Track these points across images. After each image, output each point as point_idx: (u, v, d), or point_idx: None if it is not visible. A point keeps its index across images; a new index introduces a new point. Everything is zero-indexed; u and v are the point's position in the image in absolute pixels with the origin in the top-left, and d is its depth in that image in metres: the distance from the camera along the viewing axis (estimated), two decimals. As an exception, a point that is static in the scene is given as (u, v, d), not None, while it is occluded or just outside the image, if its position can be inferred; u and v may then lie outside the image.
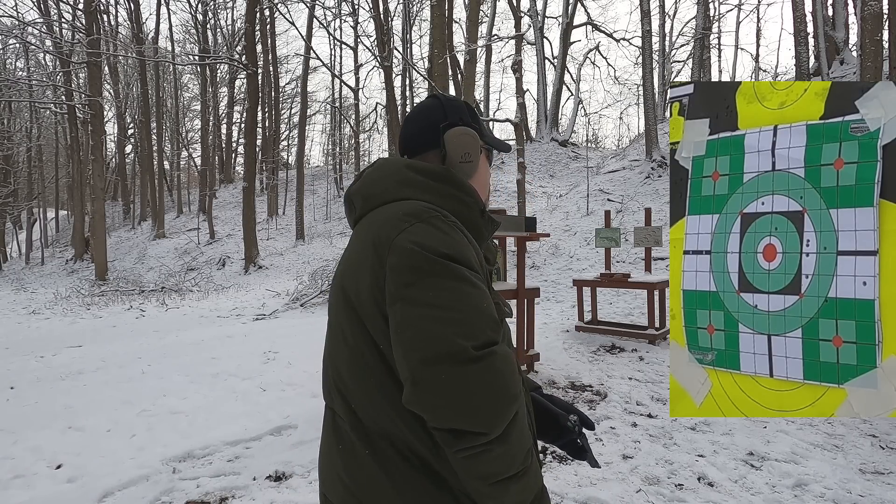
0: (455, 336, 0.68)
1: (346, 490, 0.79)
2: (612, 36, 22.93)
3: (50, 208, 29.84)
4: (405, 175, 0.86)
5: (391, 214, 0.79)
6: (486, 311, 0.72)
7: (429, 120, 0.93)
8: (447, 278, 0.71)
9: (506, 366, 0.69)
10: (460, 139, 0.91)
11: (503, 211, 4.66)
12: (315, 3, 18.99)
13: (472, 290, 0.72)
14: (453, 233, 0.77)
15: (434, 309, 0.69)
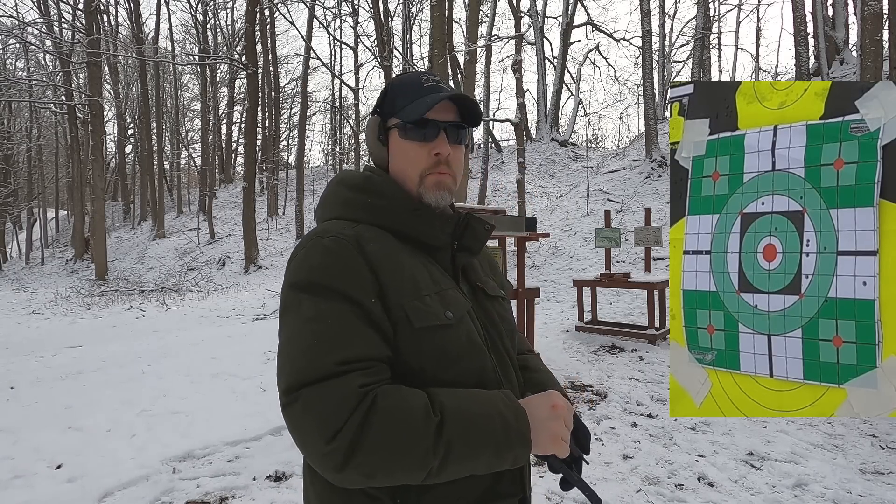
0: (280, 378, 0.68)
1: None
2: (612, 36, 22.95)
3: (50, 208, 29.85)
4: (334, 193, 0.84)
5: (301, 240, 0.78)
6: (312, 348, 0.66)
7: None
8: (289, 312, 0.71)
9: (322, 405, 0.63)
10: (365, 134, 0.87)
11: (503, 211, 4.66)
12: (315, 3, 18.99)
13: (305, 326, 0.68)
14: (319, 256, 0.71)
15: (280, 345, 0.71)
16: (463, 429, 0.65)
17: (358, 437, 0.61)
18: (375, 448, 0.62)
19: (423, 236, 0.80)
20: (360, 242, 0.73)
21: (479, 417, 0.67)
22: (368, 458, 0.61)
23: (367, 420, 0.62)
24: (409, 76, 0.85)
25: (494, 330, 0.84)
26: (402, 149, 0.82)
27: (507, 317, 0.91)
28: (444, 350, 0.73)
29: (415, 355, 0.72)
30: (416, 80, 0.83)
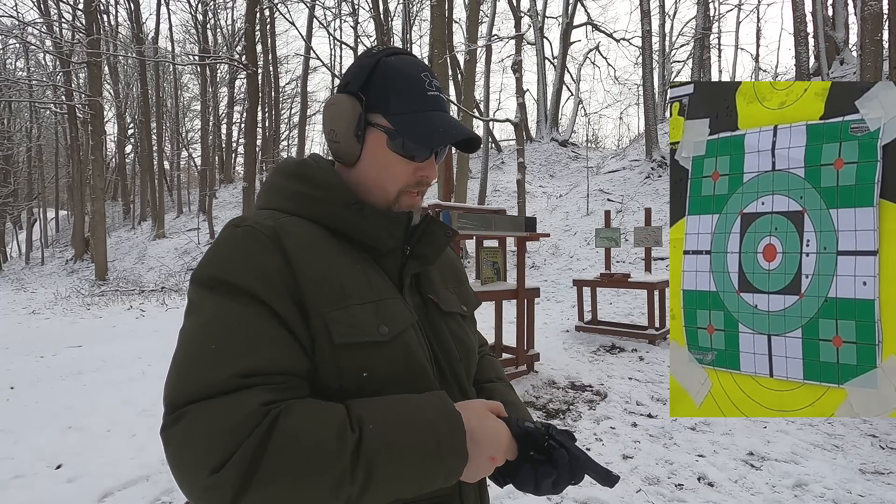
0: (169, 390, 0.55)
1: None
2: (612, 36, 22.95)
3: (50, 208, 29.85)
4: (270, 180, 0.73)
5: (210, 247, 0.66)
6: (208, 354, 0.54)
7: (344, 75, 0.73)
8: (189, 312, 0.59)
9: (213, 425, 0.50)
10: (328, 111, 0.70)
11: (503, 211, 4.66)
12: (315, 3, 19.00)
13: (202, 328, 0.56)
14: (226, 247, 0.60)
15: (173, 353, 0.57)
16: (386, 443, 0.53)
17: (252, 467, 0.48)
18: (274, 478, 0.49)
19: (365, 237, 0.68)
20: (279, 234, 0.61)
21: (406, 430, 0.55)
22: (266, 492, 0.49)
23: (264, 444, 0.49)
24: (408, 64, 0.70)
25: (444, 352, 0.71)
26: (386, 159, 0.69)
27: (465, 338, 0.76)
28: (372, 372, 0.61)
29: (333, 373, 0.59)
30: (418, 77, 0.69)
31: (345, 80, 0.71)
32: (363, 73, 0.69)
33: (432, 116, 0.69)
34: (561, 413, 3.52)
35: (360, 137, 0.69)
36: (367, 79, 0.69)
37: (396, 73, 0.69)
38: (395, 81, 0.69)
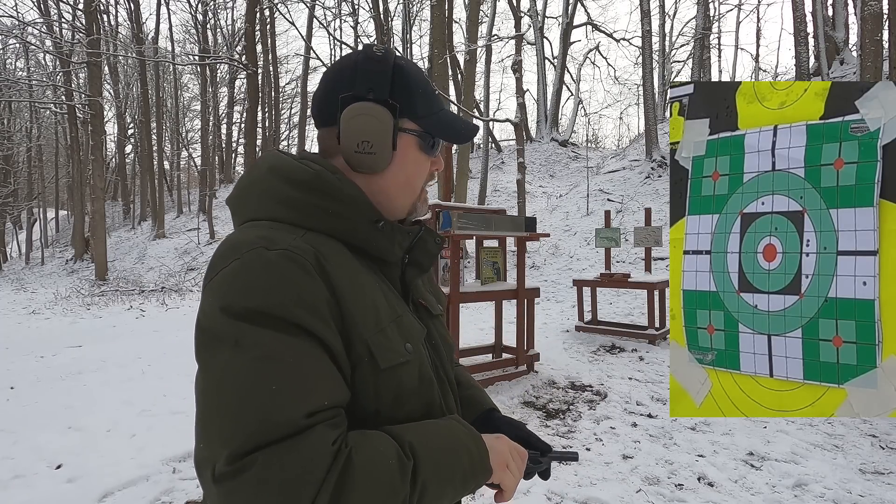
0: (214, 437, 0.52)
1: None
2: (612, 36, 22.96)
3: (50, 208, 29.85)
4: (268, 184, 0.65)
5: (221, 247, 0.61)
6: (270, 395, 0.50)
7: (333, 83, 0.69)
8: (226, 348, 0.54)
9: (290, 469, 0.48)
10: (357, 121, 0.66)
11: (503, 211, 4.66)
12: (315, 3, 19.00)
13: (254, 367, 0.51)
14: (265, 274, 0.55)
15: (206, 393, 0.55)
16: (435, 467, 0.58)
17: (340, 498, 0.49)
18: None
19: (381, 252, 0.68)
20: (320, 260, 0.58)
21: (448, 453, 0.61)
22: None
23: (345, 481, 0.50)
24: (416, 66, 0.72)
25: (438, 356, 0.74)
26: (417, 160, 0.71)
27: (447, 337, 0.80)
28: (401, 388, 0.63)
29: (372, 398, 0.60)
30: (427, 78, 0.72)
31: (367, 82, 0.67)
32: (385, 79, 0.67)
33: (448, 114, 0.73)
34: (561, 413, 3.52)
35: (395, 145, 0.68)
36: (393, 87, 0.68)
37: (413, 76, 0.70)
38: (416, 85, 0.69)
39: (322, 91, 0.71)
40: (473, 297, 4.04)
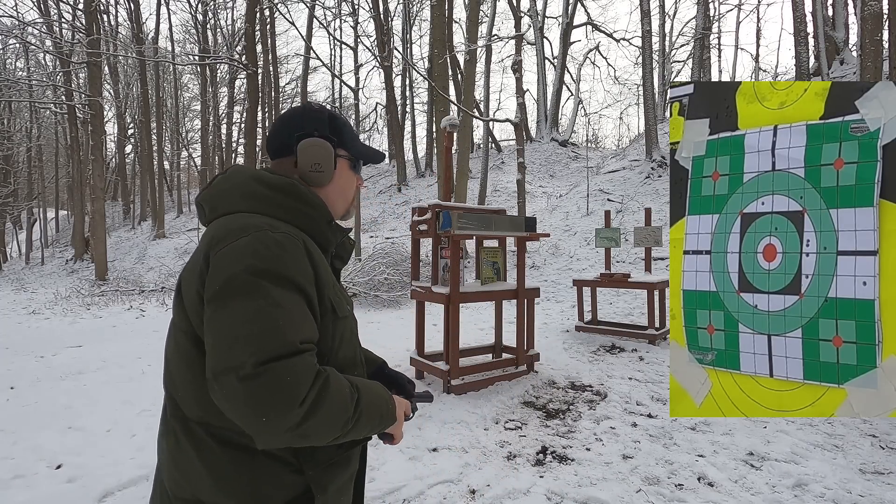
0: (239, 352, 0.73)
1: (171, 475, 0.87)
2: (612, 36, 22.95)
3: (50, 208, 29.84)
4: (251, 188, 0.91)
5: (226, 227, 0.84)
6: (276, 329, 0.76)
7: (287, 128, 1.00)
8: (250, 295, 0.77)
9: (292, 375, 0.74)
10: (311, 150, 0.98)
11: (503, 211, 4.66)
12: (315, 3, 19.00)
13: (271, 309, 0.76)
14: (275, 246, 0.81)
15: (230, 323, 0.75)
16: (368, 404, 0.85)
17: (314, 407, 0.75)
18: (323, 416, 0.76)
19: (327, 244, 0.97)
20: (305, 243, 0.86)
21: (377, 398, 0.88)
22: (315, 423, 0.75)
23: (323, 392, 0.76)
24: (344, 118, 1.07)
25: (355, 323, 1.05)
26: (349, 179, 1.06)
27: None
28: (343, 335, 0.93)
29: (328, 339, 0.88)
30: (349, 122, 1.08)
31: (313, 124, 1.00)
32: (324, 123, 1.01)
33: (364, 146, 1.09)
34: (561, 413, 3.52)
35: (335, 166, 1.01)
36: (330, 128, 1.02)
37: (341, 120, 1.05)
38: (344, 126, 1.04)
39: (277, 133, 1.01)
40: (473, 297, 4.04)
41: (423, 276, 4.78)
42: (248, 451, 0.83)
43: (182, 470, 0.85)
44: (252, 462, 0.83)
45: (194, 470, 0.84)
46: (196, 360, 0.83)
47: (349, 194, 1.07)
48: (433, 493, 2.44)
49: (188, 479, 0.84)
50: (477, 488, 2.47)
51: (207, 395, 0.80)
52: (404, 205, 17.29)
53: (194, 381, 0.83)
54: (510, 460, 2.79)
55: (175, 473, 0.86)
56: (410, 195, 18.26)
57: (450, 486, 2.49)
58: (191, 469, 0.84)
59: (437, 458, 2.78)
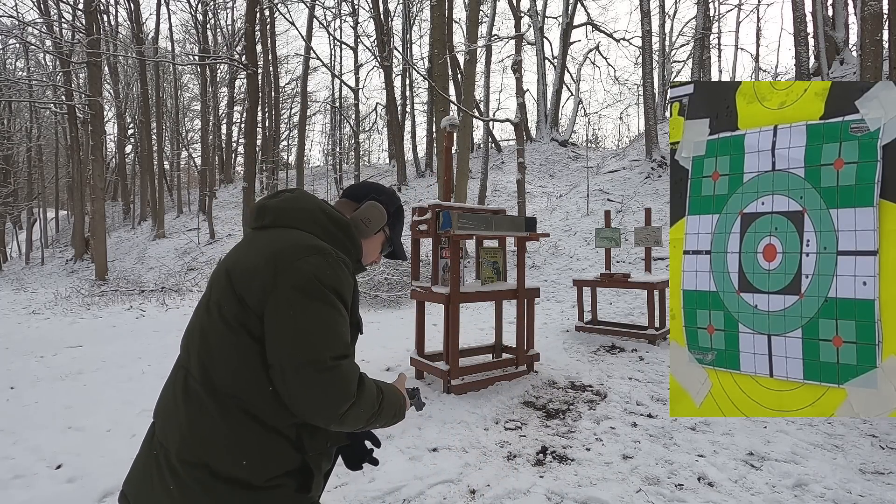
0: (320, 347, 0.92)
1: (183, 437, 0.95)
2: (612, 36, 22.94)
3: (50, 208, 29.83)
4: (317, 216, 1.11)
5: (297, 242, 1.00)
6: (342, 334, 0.97)
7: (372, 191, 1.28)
8: (324, 304, 0.95)
9: (349, 374, 0.95)
10: (372, 210, 1.22)
11: (503, 211, 4.66)
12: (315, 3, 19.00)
13: (338, 318, 0.97)
14: (338, 269, 1.00)
15: (310, 324, 0.93)
16: (387, 404, 1.06)
17: (358, 399, 0.96)
18: (359, 409, 0.96)
19: (354, 276, 1.14)
20: (351, 269, 1.07)
21: (394, 397, 1.10)
22: (353, 413, 0.95)
23: (361, 391, 0.97)
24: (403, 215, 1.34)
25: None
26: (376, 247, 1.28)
27: None
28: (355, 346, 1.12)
29: (352, 348, 1.07)
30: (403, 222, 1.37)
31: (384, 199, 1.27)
32: (394, 204, 1.29)
33: (400, 241, 1.35)
34: (561, 413, 3.52)
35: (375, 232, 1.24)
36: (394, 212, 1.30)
37: (402, 216, 1.33)
38: (402, 220, 1.34)
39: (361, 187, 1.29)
40: (473, 297, 4.04)
41: (423, 276, 4.78)
42: (265, 425, 0.96)
43: (198, 434, 0.94)
44: (266, 435, 0.96)
45: (213, 436, 0.94)
46: (246, 344, 0.95)
47: (371, 256, 1.28)
48: (433, 493, 2.44)
49: (203, 443, 0.94)
50: (477, 488, 2.47)
51: (246, 373, 0.95)
52: (404, 205, 17.28)
53: (238, 360, 0.95)
54: (510, 460, 2.79)
55: (188, 437, 0.95)
56: (410, 195, 18.26)
57: (450, 486, 2.49)
58: (210, 435, 0.94)
59: (437, 458, 2.78)
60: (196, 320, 1.05)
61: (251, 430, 0.95)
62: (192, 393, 0.98)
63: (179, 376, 1.02)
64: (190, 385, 0.99)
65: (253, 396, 0.95)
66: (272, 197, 1.13)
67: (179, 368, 1.03)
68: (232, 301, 0.97)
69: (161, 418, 1.02)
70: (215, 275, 1.06)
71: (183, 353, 1.05)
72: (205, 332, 1.00)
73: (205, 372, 0.97)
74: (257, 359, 0.95)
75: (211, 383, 0.96)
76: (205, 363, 0.98)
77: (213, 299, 1.02)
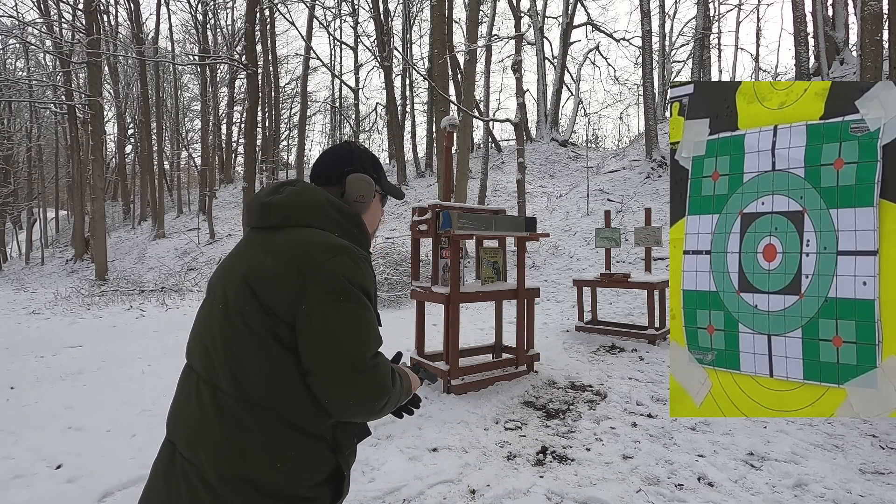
0: (358, 349, 0.94)
1: (221, 454, 0.92)
2: (612, 36, 22.94)
3: (50, 208, 29.84)
4: (327, 210, 1.06)
5: (318, 242, 0.98)
6: (375, 330, 0.99)
7: (337, 162, 1.17)
8: (356, 304, 0.95)
9: (386, 368, 0.99)
10: (359, 183, 1.15)
11: (503, 211, 4.66)
12: (315, 3, 19.00)
13: (370, 316, 0.98)
14: (362, 265, 0.99)
15: (347, 327, 0.93)
16: (406, 386, 1.11)
17: (392, 390, 1.01)
18: (394, 396, 1.02)
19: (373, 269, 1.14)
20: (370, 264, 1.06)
21: (407, 379, 1.13)
22: (391, 403, 1.02)
23: (394, 380, 1.03)
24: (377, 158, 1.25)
25: None
26: (378, 210, 1.25)
27: None
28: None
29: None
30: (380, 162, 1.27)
31: (360, 161, 1.19)
32: (369, 161, 1.21)
33: (390, 183, 1.28)
34: (561, 413, 3.52)
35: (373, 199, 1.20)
36: (374, 167, 1.21)
37: (379, 165, 1.24)
38: (380, 166, 1.24)
39: (326, 164, 1.17)
40: (473, 297, 4.04)
41: (423, 276, 4.78)
42: (305, 432, 0.95)
43: (238, 450, 0.91)
44: (307, 442, 0.96)
45: (255, 450, 0.92)
46: (277, 353, 0.93)
47: (377, 221, 1.25)
48: (433, 493, 2.44)
49: (244, 458, 0.91)
50: (477, 488, 2.47)
51: (282, 383, 0.93)
52: (404, 205, 17.28)
53: (272, 370, 0.93)
54: (510, 460, 2.79)
55: (227, 453, 0.92)
56: (410, 195, 18.26)
57: (450, 486, 2.49)
58: (251, 449, 0.92)
59: (437, 458, 2.78)
60: (212, 330, 0.99)
61: (292, 439, 0.94)
62: (225, 408, 0.93)
63: (206, 392, 0.96)
64: (221, 400, 0.94)
65: (290, 405, 0.93)
66: (274, 193, 1.07)
67: (203, 383, 0.97)
68: (257, 310, 0.93)
69: (185, 436, 0.97)
70: (228, 281, 1.00)
71: (201, 366, 0.99)
72: (230, 345, 0.95)
73: (237, 386, 0.93)
74: (291, 367, 0.93)
75: (245, 397, 0.93)
76: (236, 377, 0.94)
77: (234, 309, 0.96)
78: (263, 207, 1.05)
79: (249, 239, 1.06)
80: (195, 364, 1.02)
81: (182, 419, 0.99)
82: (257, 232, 1.05)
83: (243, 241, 1.07)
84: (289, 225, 1.03)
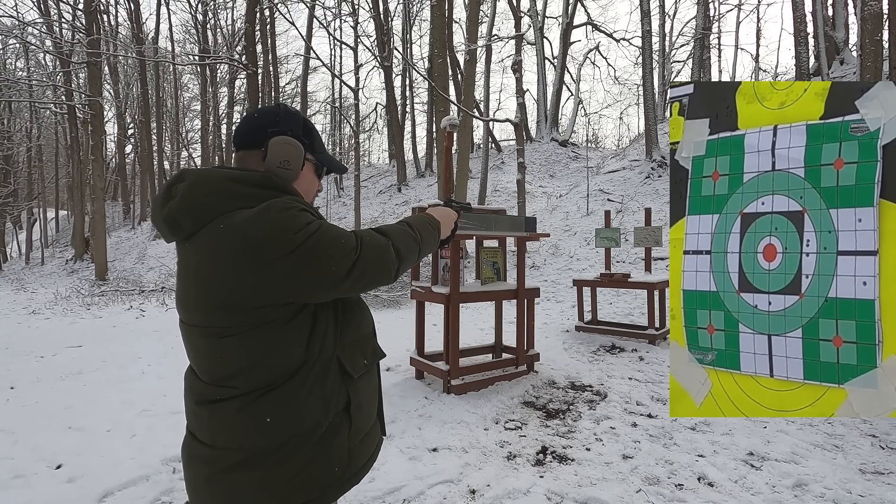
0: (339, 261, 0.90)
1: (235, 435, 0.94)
2: (612, 36, 22.94)
3: (50, 208, 29.83)
4: (230, 189, 0.94)
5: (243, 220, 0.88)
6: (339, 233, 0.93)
7: (261, 122, 1.05)
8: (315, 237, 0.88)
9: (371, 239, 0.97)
10: (282, 147, 1.02)
11: (503, 211, 4.66)
12: (315, 3, 18.99)
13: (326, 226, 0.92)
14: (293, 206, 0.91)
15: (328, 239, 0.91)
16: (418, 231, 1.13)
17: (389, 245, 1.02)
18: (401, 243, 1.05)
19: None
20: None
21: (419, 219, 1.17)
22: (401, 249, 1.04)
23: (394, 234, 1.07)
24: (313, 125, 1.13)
25: None
26: (311, 182, 1.13)
27: None
28: None
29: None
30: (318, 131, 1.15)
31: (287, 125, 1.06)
32: (299, 125, 1.08)
33: (329, 156, 1.17)
34: (561, 413, 3.52)
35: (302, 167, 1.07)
36: (305, 132, 1.09)
37: (313, 127, 1.13)
38: (315, 133, 1.13)
39: (249, 126, 1.05)
40: (473, 297, 4.04)
41: (423, 276, 4.78)
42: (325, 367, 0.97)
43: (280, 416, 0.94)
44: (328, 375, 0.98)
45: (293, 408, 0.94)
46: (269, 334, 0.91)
47: (310, 195, 1.13)
48: (433, 493, 2.44)
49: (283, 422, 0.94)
50: (477, 488, 2.47)
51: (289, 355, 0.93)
52: (404, 205, 17.28)
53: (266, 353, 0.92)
54: (510, 460, 2.79)
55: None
56: (410, 195, 18.26)
57: (450, 486, 2.49)
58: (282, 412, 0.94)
59: (437, 458, 2.78)
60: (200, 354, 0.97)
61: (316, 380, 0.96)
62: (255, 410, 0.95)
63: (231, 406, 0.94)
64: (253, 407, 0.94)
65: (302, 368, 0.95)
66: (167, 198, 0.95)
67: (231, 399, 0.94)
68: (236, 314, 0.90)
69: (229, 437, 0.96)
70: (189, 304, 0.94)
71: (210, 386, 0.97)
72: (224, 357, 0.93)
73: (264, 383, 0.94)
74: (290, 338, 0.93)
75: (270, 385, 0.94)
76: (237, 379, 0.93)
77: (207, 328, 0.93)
78: (169, 221, 0.94)
79: (182, 255, 0.97)
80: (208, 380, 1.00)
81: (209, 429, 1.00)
82: (182, 245, 0.96)
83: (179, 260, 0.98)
84: (206, 223, 0.92)
